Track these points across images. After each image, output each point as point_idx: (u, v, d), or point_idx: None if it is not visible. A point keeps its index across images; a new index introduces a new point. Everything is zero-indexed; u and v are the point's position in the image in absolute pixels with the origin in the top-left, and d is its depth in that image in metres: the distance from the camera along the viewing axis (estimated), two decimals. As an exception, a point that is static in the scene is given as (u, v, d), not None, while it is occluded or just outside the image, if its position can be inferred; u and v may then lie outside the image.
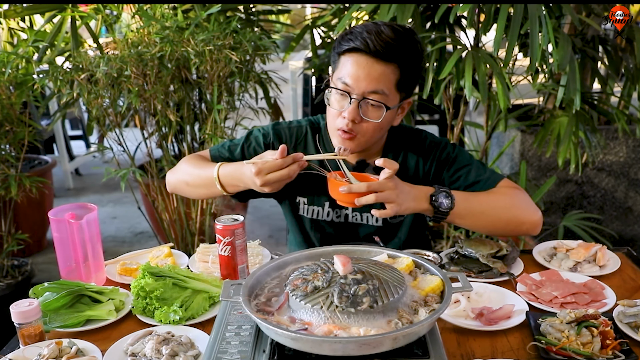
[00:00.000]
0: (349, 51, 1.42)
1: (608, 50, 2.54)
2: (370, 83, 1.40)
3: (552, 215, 3.31)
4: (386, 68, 1.40)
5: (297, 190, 1.63)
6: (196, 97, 2.91)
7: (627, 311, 1.23)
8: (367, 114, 1.43)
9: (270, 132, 1.63)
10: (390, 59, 1.40)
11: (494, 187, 1.52)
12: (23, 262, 3.03)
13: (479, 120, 3.48)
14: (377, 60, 1.39)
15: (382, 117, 1.43)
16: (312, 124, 1.66)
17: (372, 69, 1.40)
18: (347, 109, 1.42)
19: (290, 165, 1.33)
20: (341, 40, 1.44)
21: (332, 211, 1.63)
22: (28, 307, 1.20)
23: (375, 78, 1.40)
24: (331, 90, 1.47)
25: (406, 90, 1.49)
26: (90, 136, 5.29)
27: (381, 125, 1.46)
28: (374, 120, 1.43)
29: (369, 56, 1.39)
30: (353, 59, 1.41)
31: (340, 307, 0.96)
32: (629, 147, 3.21)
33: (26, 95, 2.62)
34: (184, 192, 1.66)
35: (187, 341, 1.18)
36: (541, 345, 1.14)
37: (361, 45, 1.38)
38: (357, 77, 1.40)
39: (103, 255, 1.55)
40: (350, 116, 1.42)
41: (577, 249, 1.55)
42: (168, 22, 2.45)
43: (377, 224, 1.62)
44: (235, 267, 1.40)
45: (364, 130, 1.45)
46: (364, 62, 1.40)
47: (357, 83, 1.40)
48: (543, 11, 2.02)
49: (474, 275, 1.46)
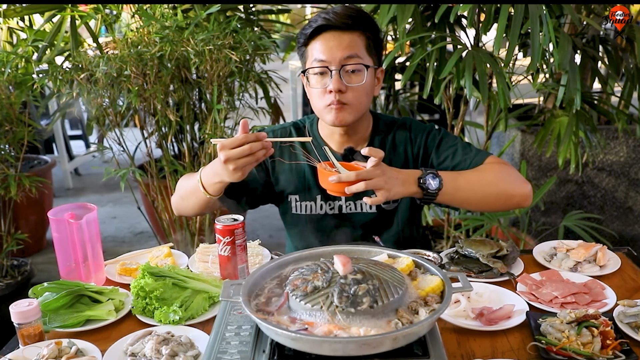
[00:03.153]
0: (314, 35, 1.51)
1: (608, 50, 2.54)
2: (344, 50, 1.48)
3: (553, 215, 3.31)
4: (353, 35, 1.50)
5: (287, 189, 1.66)
6: (196, 96, 2.91)
7: (628, 311, 1.23)
8: (350, 81, 1.50)
9: None
10: (354, 27, 1.50)
11: (480, 164, 1.54)
12: (22, 262, 3.02)
13: (479, 120, 3.47)
14: (342, 31, 1.49)
15: (365, 78, 1.50)
16: (296, 125, 1.71)
17: (341, 38, 1.49)
18: (330, 82, 1.48)
19: (252, 143, 1.31)
20: (302, 32, 1.54)
21: (325, 204, 1.65)
22: (28, 307, 1.20)
23: (346, 45, 1.48)
24: (309, 74, 1.53)
25: (376, 56, 1.56)
26: (90, 136, 5.29)
27: (366, 90, 1.52)
28: (359, 84, 1.50)
29: (334, 30, 1.49)
30: (321, 38, 1.50)
31: (340, 307, 0.95)
32: (629, 147, 3.21)
33: (26, 95, 2.62)
34: (182, 208, 1.66)
35: (187, 341, 1.18)
36: (541, 346, 1.14)
37: (325, 22, 1.49)
38: (329, 50, 1.48)
39: (103, 255, 1.55)
40: (335, 86, 1.48)
41: (578, 249, 1.55)
42: (168, 21, 2.44)
43: (372, 211, 1.64)
44: (235, 267, 1.40)
45: (352, 98, 1.51)
46: (331, 36, 1.49)
47: (331, 55, 1.48)
48: (544, 11, 2.02)
49: (474, 275, 1.46)
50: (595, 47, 2.52)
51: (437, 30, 2.32)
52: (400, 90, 3.29)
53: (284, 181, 1.65)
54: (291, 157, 1.65)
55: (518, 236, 2.77)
